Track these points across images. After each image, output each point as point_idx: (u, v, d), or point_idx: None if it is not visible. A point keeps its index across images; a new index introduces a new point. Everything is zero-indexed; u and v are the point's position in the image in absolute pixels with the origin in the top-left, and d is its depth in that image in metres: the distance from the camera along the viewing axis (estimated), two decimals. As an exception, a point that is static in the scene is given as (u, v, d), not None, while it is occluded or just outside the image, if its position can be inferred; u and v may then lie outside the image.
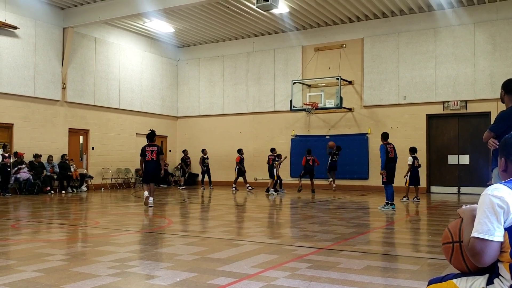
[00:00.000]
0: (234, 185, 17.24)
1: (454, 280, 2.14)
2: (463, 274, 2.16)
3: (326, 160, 16.44)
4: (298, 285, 4.01)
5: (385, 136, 11.04)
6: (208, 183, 18.55)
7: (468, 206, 2.18)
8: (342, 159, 16.79)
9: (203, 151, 18.36)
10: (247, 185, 17.15)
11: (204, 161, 18.14)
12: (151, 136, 11.25)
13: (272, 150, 16.92)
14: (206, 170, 18.17)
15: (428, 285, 2.26)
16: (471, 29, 16.12)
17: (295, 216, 9.96)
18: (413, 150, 13.18)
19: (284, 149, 18.56)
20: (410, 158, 12.96)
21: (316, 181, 16.65)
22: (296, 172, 17.93)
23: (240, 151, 17.40)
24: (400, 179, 12.97)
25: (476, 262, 1.99)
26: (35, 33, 16.05)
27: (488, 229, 1.92)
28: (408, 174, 12.97)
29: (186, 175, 19.74)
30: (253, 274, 4.36)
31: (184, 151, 19.83)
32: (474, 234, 1.96)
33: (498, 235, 1.91)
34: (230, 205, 12.51)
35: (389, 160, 10.73)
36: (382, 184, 10.94)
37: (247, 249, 5.71)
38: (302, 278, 4.22)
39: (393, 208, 10.52)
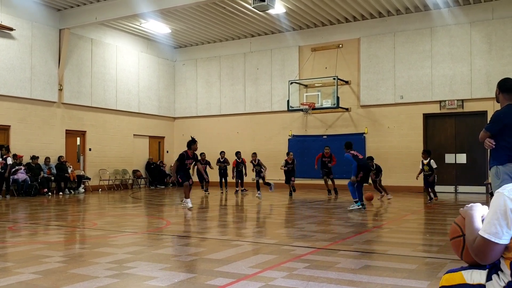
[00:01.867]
0: (243, 188, 16.48)
1: (463, 272, 2.20)
2: (471, 266, 2.20)
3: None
4: (296, 285, 4.02)
5: (348, 145, 11.12)
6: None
7: (468, 205, 2.21)
8: (339, 158, 16.74)
9: (221, 153, 17.47)
10: (243, 188, 16.62)
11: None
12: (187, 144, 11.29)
13: (288, 154, 15.90)
14: (223, 173, 17.29)
15: (444, 274, 2.32)
16: (467, 28, 16.17)
17: (292, 216, 9.97)
18: (430, 153, 12.52)
19: (282, 150, 18.55)
20: (433, 161, 12.16)
21: (314, 181, 16.64)
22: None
23: (237, 154, 16.34)
24: (399, 179, 12.99)
25: (478, 260, 2.03)
26: (31, 34, 16.01)
27: (496, 231, 1.95)
28: (435, 177, 12.23)
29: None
30: (251, 275, 4.37)
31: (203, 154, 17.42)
32: (482, 233, 1.99)
33: (505, 239, 1.95)
34: (229, 206, 12.52)
35: (360, 161, 10.82)
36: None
37: (245, 249, 5.72)
38: (300, 278, 4.23)
39: (358, 206, 10.52)
